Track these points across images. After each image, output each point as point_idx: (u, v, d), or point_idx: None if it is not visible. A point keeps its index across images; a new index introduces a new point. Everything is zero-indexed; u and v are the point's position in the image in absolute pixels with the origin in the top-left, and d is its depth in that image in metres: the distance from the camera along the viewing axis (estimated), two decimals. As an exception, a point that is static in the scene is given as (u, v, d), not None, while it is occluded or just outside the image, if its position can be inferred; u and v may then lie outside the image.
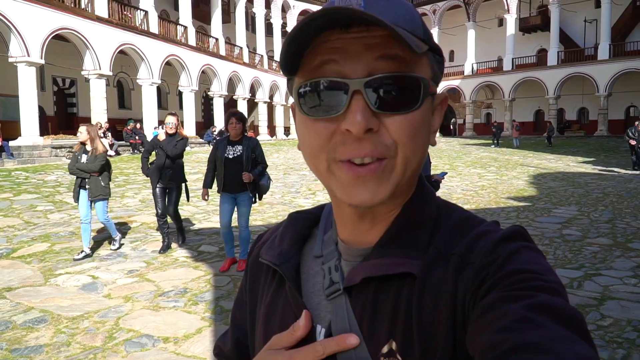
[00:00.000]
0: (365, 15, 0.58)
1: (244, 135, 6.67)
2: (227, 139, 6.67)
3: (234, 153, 6.53)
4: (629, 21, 40.34)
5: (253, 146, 6.62)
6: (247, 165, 6.48)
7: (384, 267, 0.69)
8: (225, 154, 6.54)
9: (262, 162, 6.75)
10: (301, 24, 0.61)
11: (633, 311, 5.16)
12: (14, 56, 19.31)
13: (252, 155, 6.56)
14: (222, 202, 6.69)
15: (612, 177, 18.45)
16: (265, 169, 6.79)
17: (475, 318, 0.58)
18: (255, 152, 6.63)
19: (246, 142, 6.59)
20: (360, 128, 0.62)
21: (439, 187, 6.59)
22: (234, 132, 6.57)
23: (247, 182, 6.47)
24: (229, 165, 6.51)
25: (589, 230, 9.22)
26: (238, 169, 6.46)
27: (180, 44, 30.13)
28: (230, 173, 6.50)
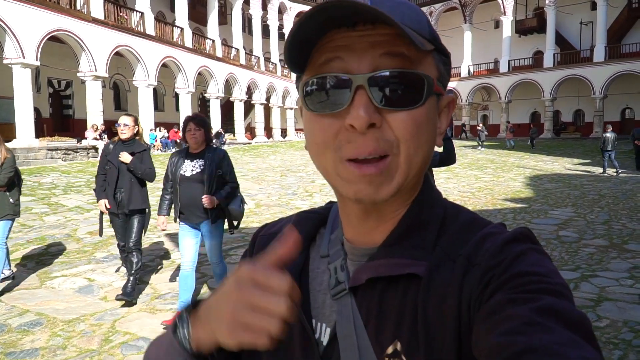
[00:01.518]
0: (372, 10, 0.58)
1: (207, 145, 5.22)
2: (186, 151, 5.22)
3: (193, 169, 5.07)
4: (624, 23, 40.52)
5: (219, 160, 5.13)
6: (210, 186, 5.02)
7: (390, 267, 0.69)
8: (180, 170, 5.10)
9: (232, 181, 5.26)
10: (305, 17, 0.62)
11: (629, 312, 5.17)
12: (9, 58, 19.27)
13: (217, 171, 5.09)
14: (180, 235, 5.21)
15: (607, 178, 18.51)
16: (235, 190, 5.33)
17: (481, 320, 0.58)
18: (222, 168, 5.15)
19: (209, 154, 5.11)
20: (363, 122, 0.62)
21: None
22: (193, 141, 5.09)
23: (209, 207, 5.00)
24: (185, 186, 5.05)
25: (585, 231, 9.24)
26: (197, 190, 5.01)
27: (176, 46, 30.12)
28: (187, 196, 5.04)
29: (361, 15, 0.62)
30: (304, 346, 0.75)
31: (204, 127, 5.14)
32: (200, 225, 5.16)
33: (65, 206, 11.24)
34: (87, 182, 14.58)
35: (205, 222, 5.12)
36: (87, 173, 16.31)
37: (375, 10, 0.58)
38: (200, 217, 5.09)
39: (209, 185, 5.02)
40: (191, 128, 5.06)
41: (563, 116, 45.42)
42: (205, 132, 5.16)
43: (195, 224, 5.16)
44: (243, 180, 16.47)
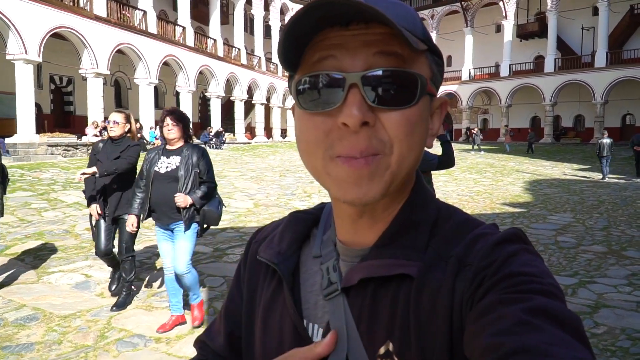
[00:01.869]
0: (369, 9, 0.58)
1: (186, 142, 4.93)
2: (163, 148, 4.92)
3: (168, 166, 4.75)
4: (626, 29, 40.54)
5: (197, 157, 4.79)
6: (185, 184, 4.68)
7: (382, 268, 0.69)
8: (155, 167, 4.78)
9: (209, 180, 4.88)
10: (300, 14, 0.62)
11: (627, 319, 5.17)
12: (12, 54, 19.27)
13: (193, 170, 4.74)
14: (157, 239, 4.96)
15: (607, 184, 18.52)
16: (213, 190, 4.96)
17: (473, 320, 0.58)
18: (200, 166, 4.79)
19: (187, 151, 4.79)
20: (357, 121, 0.62)
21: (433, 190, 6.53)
22: (170, 137, 4.78)
23: (183, 207, 4.62)
24: (158, 183, 4.72)
25: (584, 237, 9.24)
26: (171, 188, 4.67)
27: (178, 45, 30.13)
28: (159, 194, 4.71)
29: (356, 14, 0.62)
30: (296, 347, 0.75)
31: (182, 122, 4.83)
32: (172, 226, 4.78)
33: (64, 202, 11.24)
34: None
35: (177, 223, 4.74)
36: (86, 170, 16.28)
37: (372, 9, 0.58)
38: (172, 217, 4.72)
39: (183, 183, 4.68)
40: (168, 122, 4.74)
41: (563, 121, 45.43)
42: (184, 127, 4.85)
43: (167, 225, 4.79)
44: (242, 180, 16.49)
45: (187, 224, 4.69)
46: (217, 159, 23.26)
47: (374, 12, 0.59)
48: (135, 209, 4.92)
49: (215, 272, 6.71)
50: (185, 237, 4.74)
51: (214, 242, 8.43)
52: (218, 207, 5.01)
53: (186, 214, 4.68)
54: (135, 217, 4.94)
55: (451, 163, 5.42)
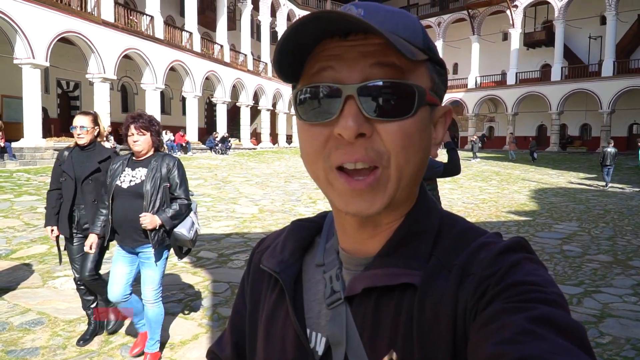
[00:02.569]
0: (359, 22, 0.59)
1: (156, 151, 4.21)
2: (129, 158, 4.19)
3: (132, 180, 4.02)
4: (633, 39, 40.43)
5: (167, 169, 4.10)
6: (152, 202, 3.97)
7: (385, 277, 0.69)
8: (117, 180, 4.05)
9: (183, 196, 4.17)
10: (294, 26, 0.62)
11: (632, 329, 5.14)
12: (19, 58, 19.36)
13: (163, 184, 4.06)
14: (114, 259, 4.21)
15: (613, 193, 18.44)
16: (186, 208, 4.18)
17: (476, 330, 0.58)
18: (170, 180, 4.11)
19: (155, 162, 4.07)
20: (352, 132, 0.63)
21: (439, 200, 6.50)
22: (137, 149, 4.06)
23: (149, 229, 3.92)
24: (121, 200, 4.00)
25: (590, 246, 9.20)
26: (135, 206, 3.97)
27: (185, 50, 30.22)
28: (121, 213, 4.00)
29: (352, 26, 0.62)
30: (299, 356, 0.75)
31: (149, 129, 4.07)
32: (137, 249, 4.11)
33: (69, 207, 11.25)
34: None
35: (143, 247, 4.06)
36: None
37: (364, 23, 0.59)
38: (137, 240, 4.03)
39: (150, 200, 3.96)
40: (132, 130, 4.01)
41: (570, 130, 45.30)
42: (152, 135, 4.11)
43: (132, 248, 4.11)
44: (247, 185, 16.49)
45: (156, 249, 4.02)
46: (223, 164, 23.30)
47: (366, 26, 0.59)
48: (97, 228, 4.19)
49: (219, 277, 6.71)
50: (153, 265, 4.09)
51: (219, 247, 8.43)
52: (190, 229, 4.19)
53: (154, 236, 3.96)
54: (96, 237, 4.21)
55: (457, 171, 5.41)
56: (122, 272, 4.13)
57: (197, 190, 14.90)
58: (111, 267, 4.22)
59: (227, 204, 13.18)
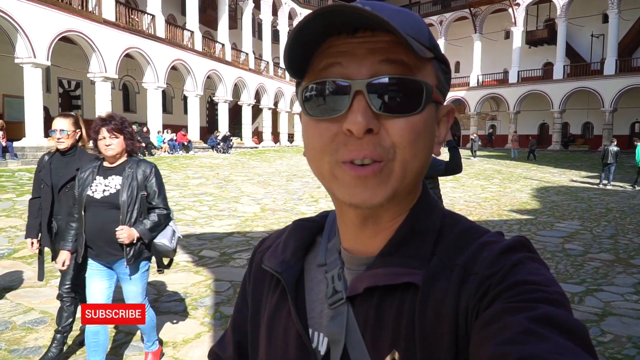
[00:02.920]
0: (373, 17, 0.59)
1: (130, 156, 3.86)
2: (100, 165, 3.81)
3: (106, 190, 3.67)
4: (636, 37, 40.37)
5: (144, 176, 3.78)
6: (129, 213, 3.67)
7: (387, 277, 0.69)
8: (88, 190, 3.68)
9: (161, 205, 3.88)
10: (307, 19, 0.62)
11: (634, 328, 5.14)
12: (20, 57, 19.37)
13: (139, 193, 3.74)
14: (88, 275, 3.84)
15: (615, 192, 18.42)
16: (165, 218, 3.91)
17: (478, 329, 0.58)
18: (148, 188, 3.81)
19: (130, 169, 3.74)
20: (361, 128, 0.63)
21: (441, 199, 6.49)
22: (110, 154, 3.69)
23: (126, 243, 3.61)
24: (94, 212, 3.66)
25: (591, 245, 9.19)
26: (110, 218, 3.64)
27: (186, 49, 30.22)
28: (95, 226, 3.66)
29: (362, 22, 0.62)
30: (301, 356, 0.75)
31: (122, 132, 3.71)
32: (113, 264, 3.78)
33: (71, 206, 11.26)
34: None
35: (121, 261, 3.73)
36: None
37: (376, 17, 0.59)
38: (113, 254, 3.70)
39: (127, 212, 3.65)
40: (105, 135, 3.63)
41: (572, 128, 45.27)
42: (126, 138, 3.74)
43: (106, 263, 3.78)
44: (249, 184, 16.50)
45: (132, 264, 3.70)
46: (225, 163, 23.30)
47: (379, 20, 0.59)
48: (67, 243, 3.82)
49: (221, 276, 6.72)
50: (134, 279, 3.80)
51: (221, 246, 8.44)
52: (171, 239, 3.92)
53: (130, 251, 3.65)
54: (68, 254, 3.83)
55: (458, 169, 5.41)
56: (100, 288, 3.76)
57: (198, 189, 14.93)
58: (86, 283, 3.82)
59: (229, 202, 13.19)
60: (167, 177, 17.26)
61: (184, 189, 14.86)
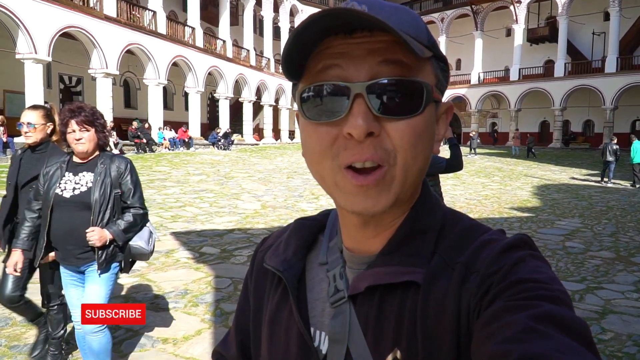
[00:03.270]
0: (368, 17, 0.58)
1: (102, 151, 3.54)
2: (69, 160, 3.50)
3: (76, 188, 3.35)
4: (637, 35, 40.30)
5: (118, 172, 3.46)
6: (101, 213, 3.35)
7: (388, 275, 0.69)
8: (56, 188, 3.35)
9: (137, 205, 3.56)
10: (304, 25, 0.62)
11: (634, 326, 5.14)
12: (21, 53, 19.39)
13: (113, 191, 3.42)
14: (64, 283, 3.60)
15: (616, 190, 18.42)
16: (141, 218, 3.58)
17: (480, 327, 0.58)
18: (122, 186, 3.49)
19: (102, 165, 3.42)
20: (362, 131, 0.62)
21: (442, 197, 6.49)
22: (80, 149, 3.36)
23: (98, 246, 3.28)
24: (61, 212, 3.33)
25: (592, 243, 9.19)
26: (80, 219, 3.32)
27: (187, 45, 30.22)
28: (63, 227, 3.34)
29: (359, 23, 0.62)
30: (302, 355, 0.75)
31: (93, 124, 3.38)
32: (83, 268, 3.45)
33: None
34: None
35: (91, 264, 3.39)
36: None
37: (374, 18, 0.58)
38: (82, 258, 3.38)
39: (99, 212, 3.33)
40: (74, 128, 3.31)
41: (572, 126, 45.23)
42: (97, 131, 3.42)
43: (77, 267, 3.45)
44: (249, 181, 16.50)
45: (103, 267, 3.38)
46: (225, 160, 23.31)
47: (377, 21, 0.59)
48: (20, 242, 3.46)
49: (222, 273, 6.72)
50: (100, 283, 3.40)
51: (222, 243, 8.44)
52: (149, 240, 3.61)
53: (102, 254, 3.35)
54: (21, 254, 3.47)
55: (459, 166, 5.40)
56: (77, 295, 3.52)
57: (199, 186, 14.93)
58: (65, 292, 3.63)
59: (229, 199, 13.19)
60: (167, 173, 17.28)
61: (185, 186, 14.87)
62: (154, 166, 18.92)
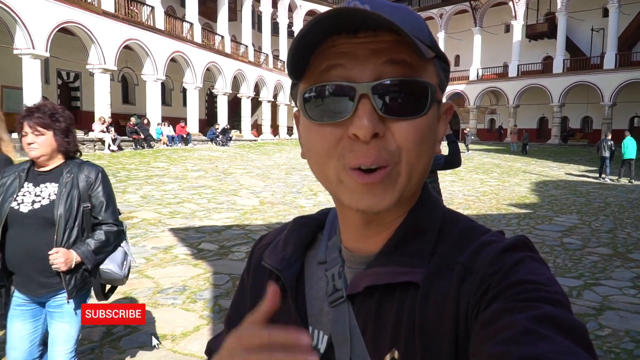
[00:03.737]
0: (375, 16, 0.58)
1: (69, 159, 2.97)
2: (29, 167, 2.97)
3: (36, 201, 2.81)
4: (636, 31, 40.24)
5: (87, 183, 2.91)
6: (67, 232, 2.80)
7: (388, 275, 0.69)
8: (12, 202, 2.81)
9: (110, 221, 2.99)
10: (309, 25, 0.61)
11: (631, 322, 5.15)
12: (19, 48, 19.32)
13: (82, 205, 2.87)
14: (10, 314, 2.91)
15: (613, 186, 18.44)
16: (115, 237, 3.03)
17: (479, 328, 0.58)
18: (93, 199, 2.93)
19: (69, 175, 2.88)
20: (368, 132, 0.62)
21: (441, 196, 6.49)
22: (34, 154, 2.83)
23: (64, 270, 2.73)
24: (18, 230, 2.80)
25: (590, 239, 9.21)
26: (41, 238, 2.77)
27: (185, 41, 30.14)
28: (20, 248, 2.79)
29: (365, 22, 0.61)
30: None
31: (51, 127, 2.82)
32: (45, 299, 2.88)
33: (70, 198, 11.26)
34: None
35: (56, 294, 2.85)
36: (93, 165, 16.34)
37: (381, 18, 0.58)
38: (45, 285, 2.81)
39: (64, 229, 2.78)
40: (27, 131, 2.80)
41: (571, 122, 45.20)
42: (56, 135, 2.84)
43: (36, 297, 2.87)
44: (248, 177, 16.48)
45: (73, 296, 2.83)
46: (224, 156, 23.29)
47: (384, 20, 0.58)
48: None
49: (220, 269, 6.72)
50: (69, 315, 2.87)
51: (220, 239, 8.44)
52: (121, 264, 3.07)
53: (71, 280, 2.81)
54: None
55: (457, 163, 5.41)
56: (23, 332, 2.90)
57: (197, 182, 14.92)
58: (7, 325, 2.92)
59: (227, 195, 13.18)
60: (165, 169, 17.26)
61: (183, 182, 14.86)
62: (152, 162, 18.89)
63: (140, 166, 17.20)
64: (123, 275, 3.08)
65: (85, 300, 2.97)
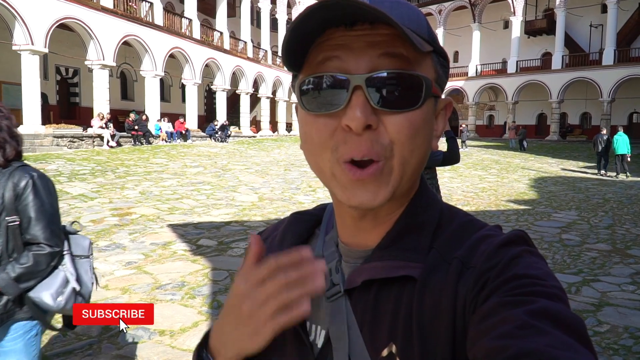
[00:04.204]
0: (373, 10, 0.58)
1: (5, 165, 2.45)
2: None
3: None
4: (634, 27, 40.26)
5: (15, 194, 2.38)
6: None
7: (385, 270, 0.68)
8: None
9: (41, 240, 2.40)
10: (302, 16, 0.61)
11: (630, 318, 5.16)
12: (18, 44, 19.27)
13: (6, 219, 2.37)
14: None
15: (612, 182, 18.45)
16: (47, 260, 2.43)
17: (476, 323, 0.58)
18: (20, 211, 2.38)
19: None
20: (360, 123, 0.62)
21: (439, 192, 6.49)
22: None
23: None
24: None
25: (589, 235, 9.21)
26: None
27: (184, 37, 30.08)
28: None
29: (361, 15, 0.61)
30: (298, 349, 0.74)
31: None
32: None
33: (69, 194, 11.25)
34: (91, 171, 14.62)
35: None
36: (92, 161, 16.35)
37: (377, 11, 0.58)
38: None
39: None
40: None
41: (570, 119, 45.22)
42: None
43: None
44: (247, 173, 16.48)
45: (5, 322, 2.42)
46: (223, 152, 23.28)
47: (378, 13, 0.58)
48: None
49: (219, 265, 6.73)
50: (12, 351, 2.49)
51: (218, 235, 8.44)
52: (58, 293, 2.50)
53: None
54: None
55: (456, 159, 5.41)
56: None
57: (196, 178, 14.91)
58: None
59: (226, 192, 13.18)
60: (164, 165, 17.25)
61: (182, 178, 14.85)
62: (151, 158, 18.87)
63: (139, 162, 17.19)
64: (57, 306, 2.48)
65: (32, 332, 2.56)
